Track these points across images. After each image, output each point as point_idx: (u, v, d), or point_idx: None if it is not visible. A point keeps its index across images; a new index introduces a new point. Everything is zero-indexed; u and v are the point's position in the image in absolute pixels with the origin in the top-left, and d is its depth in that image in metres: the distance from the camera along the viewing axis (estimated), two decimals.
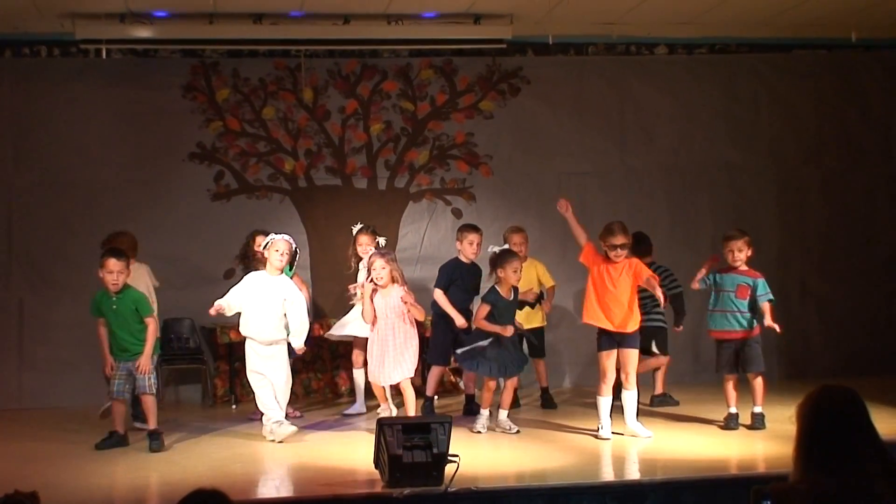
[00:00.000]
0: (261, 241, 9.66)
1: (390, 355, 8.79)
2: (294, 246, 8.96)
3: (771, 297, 8.94)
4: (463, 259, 9.79)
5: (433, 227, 11.71)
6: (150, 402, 8.58)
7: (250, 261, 9.55)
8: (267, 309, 8.72)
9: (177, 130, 11.39)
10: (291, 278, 9.10)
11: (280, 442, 8.52)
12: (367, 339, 9.11)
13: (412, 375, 8.89)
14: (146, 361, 8.54)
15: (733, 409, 8.91)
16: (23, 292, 11.06)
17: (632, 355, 8.63)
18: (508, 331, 8.69)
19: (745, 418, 8.87)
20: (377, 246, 9.74)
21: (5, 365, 10.95)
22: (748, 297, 8.93)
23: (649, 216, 11.91)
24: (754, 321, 8.97)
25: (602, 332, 8.67)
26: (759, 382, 8.87)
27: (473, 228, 9.93)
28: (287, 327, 8.76)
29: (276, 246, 8.71)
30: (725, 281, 9.04)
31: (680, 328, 10.44)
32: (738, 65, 12.24)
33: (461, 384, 11.01)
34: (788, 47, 12.31)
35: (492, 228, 11.53)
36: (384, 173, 11.73)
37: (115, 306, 8.59)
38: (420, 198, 11.77)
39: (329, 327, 10.72)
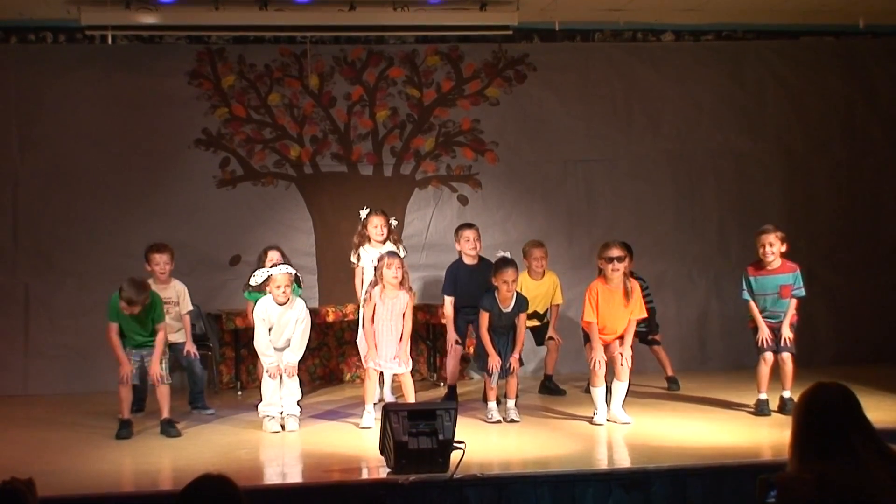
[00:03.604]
0: (272, 255, 9.59)
1: (386, 351, 8.73)
2: (294, 273, 8.87)
3: (803, 292, 8.92)
4: (465, 259, 9.75)
5: (439, 214, 11.70)
6: (165, 392, 8.60)
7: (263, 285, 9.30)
8: (286, 335, 8.71)
9: (182, 117, 11.37)
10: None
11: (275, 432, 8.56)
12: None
13: (408, 370, 8.85)
14: (157, 368, 8.57)
15: (764, 395, 8.89)
16: (28, 278, 11.07)
17: (626, 344, 8.66)
18: (494, 360, 8.70)
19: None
20: (391, 228, 9.72)
21: (11, 351, 10.96)
22: (790, 296, 8.88)
23: (655, 203, 11.92)
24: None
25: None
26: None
27: (467, 226, 9.93)
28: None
29: (276, 282, 8.58)
30: (765, 283, 8.91)
31: (657, 337, 10.43)
32: (744, 52, 12.20)
33: (468, 373, 11.06)
34: (795, 34, 12.27)
35: (497, 215, 11.60)
36: (390, 160, 11.71)
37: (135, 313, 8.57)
38: (426, 184, 11.75)
39: (335, 315, 10.74)
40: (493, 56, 11.84)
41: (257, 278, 8.76)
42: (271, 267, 8.85)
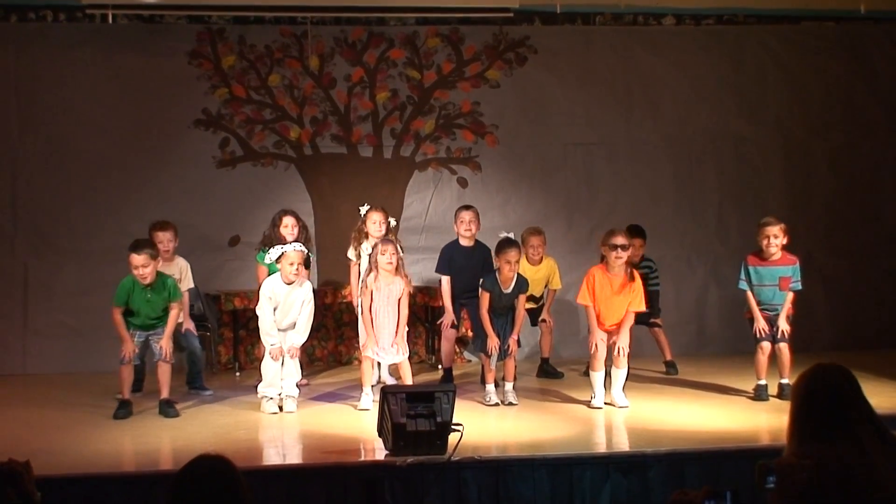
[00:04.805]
0: (287, 221, 9.61)
1: (385, 339, 8.75)
2: (307, 252, 8.92)
3: (800, 285, 8.93)
4: (461, 241, 9.72)
5: (438, 197, 11.69)
6: (166, 371, 8.57)
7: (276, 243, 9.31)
8: (291, 315, 8.74)
9: (182, 97, 11.36)
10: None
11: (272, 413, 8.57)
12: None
13: (405, 358, 8.85)
14: (168, 343, 8.57)
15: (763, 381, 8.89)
16: (27, 258, 11.07)
17: (622, 335, 8.63)
18: (493, 341, 8.72)
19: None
20: (389, 225, 9.70)
21: (10, 330, 10.97)
22: (788, 288, 8.88)
23: (655, 187, 11.91)
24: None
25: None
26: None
27: (465, 207, 9.86)
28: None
29: (289, 259, 8.61)
30: (765, 274, 8.91)
31: (659, 321, 10.43)
32: (745, 36, 12.17)
33: (465, 356, 11.08)
34: (796, 19, 12.24)
35: (497, 199, 11.59)
36: (390, 142, 11.70)
37: (148, 297, 8.54)
38: (425, 167, 11.74)
39: (333, 297, 10.75)
40: (494, 38, 11.81)
41: (272, 255, 8.75)
42: (287, 243, 8.89)
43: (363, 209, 9.75)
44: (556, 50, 11.87)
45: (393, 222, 9.85)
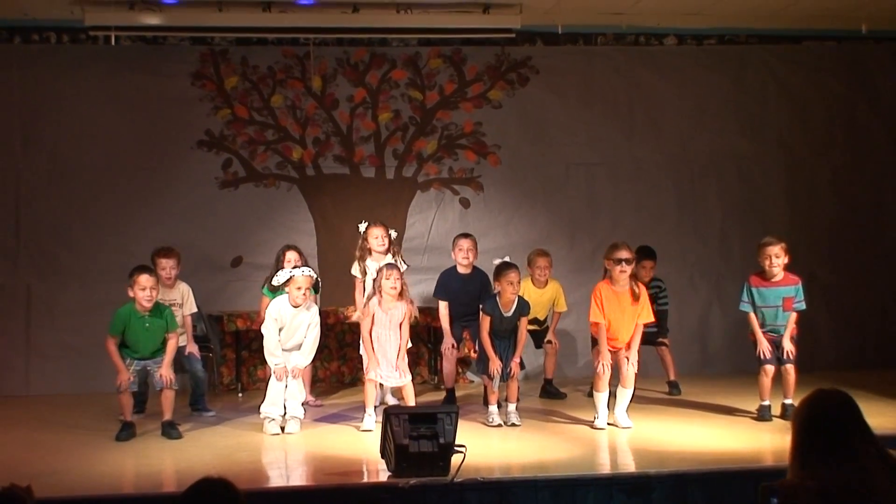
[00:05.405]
0: (290, 256, 9.63)
1: (386, 361, 8.75)
2: (315, 277, 8.94)
3: (804, 305, 8.93)
4: (458, 268, 9.81)
5: (441, 217, 11.70)
6: (170, 397, 8.59)
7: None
8: (296, 338, 8.78)
9: (185, 118, 11.38)
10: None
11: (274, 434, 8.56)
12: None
13: (407, 381, 8.85)
14: (168, 372, 8.57)
15: (766, 402, 8.88)
16: (30, 278, 11.07)
17: (632, 348, 8.62)
18: (495, 364, 8.71)
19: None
20: (391, 239, 9.72)
21: (13, 351, 10.96)
22: (791, 308, 8.88)
23: (657, 206, 11.91)
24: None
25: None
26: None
27: (463, 235, 10.01)
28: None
29: (297, 283, 8.63)
30: (768, 295, 8.92)
31: (666, 340, 10.41)
32: (747, 56, 12.19)
33: (467, 376, 11.08)
34: (798, 38, 12.26)
35: (499, 218, 11.60)
36: (392, 162, 11.71)
37: (147, 325, 8.57)
38: (428, 187, 11.75)
39: (336, 318, 10.73)
40: (496, 59, 11.83)
41: (279, 279, 8.77)
42: (292, 268, 8.89)
43: (362, 226, 9.77)
44: (557, 70, 11.89)
45: (394, 234, 9.88)
